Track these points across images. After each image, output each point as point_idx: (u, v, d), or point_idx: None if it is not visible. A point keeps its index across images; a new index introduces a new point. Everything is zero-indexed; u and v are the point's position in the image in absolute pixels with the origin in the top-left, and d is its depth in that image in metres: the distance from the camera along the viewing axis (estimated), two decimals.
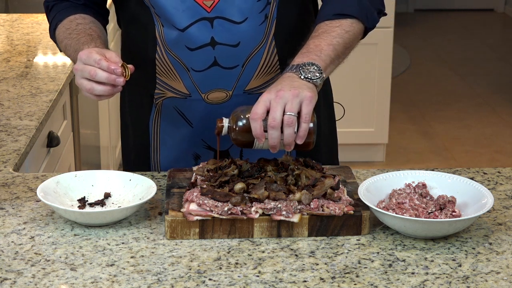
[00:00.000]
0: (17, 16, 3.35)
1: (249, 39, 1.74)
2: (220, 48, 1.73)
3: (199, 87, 1.77)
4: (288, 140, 1.50)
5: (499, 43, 7.70)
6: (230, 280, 1.35)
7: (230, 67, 1.75)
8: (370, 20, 1.73)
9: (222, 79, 1.76)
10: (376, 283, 1.34)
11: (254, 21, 1.73)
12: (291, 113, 1.49)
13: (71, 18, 1.81)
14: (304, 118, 1.50)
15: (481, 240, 1.48)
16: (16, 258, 1.42)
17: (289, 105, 1.50)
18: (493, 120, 5.52)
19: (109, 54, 1.61)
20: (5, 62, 2.67)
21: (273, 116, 1.49)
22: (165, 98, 1.82)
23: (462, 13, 8.78)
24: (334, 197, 1.51)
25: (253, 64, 1.76)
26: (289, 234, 1.49)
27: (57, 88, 2.39)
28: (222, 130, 1.57)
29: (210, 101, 1.78)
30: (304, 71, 1.57)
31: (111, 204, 1.60)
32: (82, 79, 1.60)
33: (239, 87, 1.78)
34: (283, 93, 1.51)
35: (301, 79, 1.55)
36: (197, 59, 1.74)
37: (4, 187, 1.70)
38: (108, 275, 1.36)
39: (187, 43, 1.73)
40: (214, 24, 1.71)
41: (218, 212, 1.47)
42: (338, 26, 1.68)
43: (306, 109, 1.51)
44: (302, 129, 1.50)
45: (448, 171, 1.74)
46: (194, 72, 1.75)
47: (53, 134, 2.37)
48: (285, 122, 1.49)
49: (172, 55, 1.75)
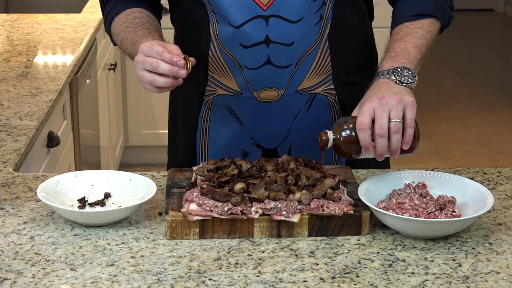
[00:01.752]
0: (17, 16, 3.35)
1: (304, 38, 1.74)
2: (274, 46, 1.73)
3: (251, 85, 1.77)
4: (395, 147, 1.51)
5: (499, 43, 7.70)
6: (230, 280, 1.35)
7: (283, 66, 1.75)
8: (446, 17, 1.75)
9: (275, 77, 1.76)
10: (376, 283, 1.34)
11: (309, 21, 1.73)
12: (397, 120, 1.50)
13: (127, 11, 1.81)
14: (409, 123, 1.52)
15: (481, 240, 1.48)
16: (16, 258, 1.42)
17: (394, 112, 1.51)
18: (493, 120, 5.52)
19: (170, 47, 1.61)
20: (5, 62, 2.67)
21: (380, 125, 1.50)
22: (216, 96, 1.82)
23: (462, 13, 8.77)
24: (334, 197, 1.51)
25: (306, 64, 1.76)
26: (289, 234, 1.49)
27: (57, 88, 2.39)
28: (327, 143, 1.56)
29: (261, 100, 1.79)
30: (399, 76, 1.58)
31: (111, 204, 1.60)
32: (144, 71, 1.60)
33: (291, 86, 1.78)
34: (387, 100, 1.51)
35: (397, 84, 1.57)
36: (251, 57, 1.74)
37: (4, 187, 1.70)
38: (108, 275, 1.36)
39: (242, 41, 1.73)
40: (269, 23, 1.71)
41: (218, 212, 1.47)
42: (419, 27, 1.70)
43: (410, 114, 1.52)
44: (408, 134, 1.51)
45: (448, 171, 1.74)
46: (247, 70, 1.76)
47: (53, 134, 2.37)
48: (392, 129, 1.50)
49: (225, 52, 1.75)
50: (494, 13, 8.94)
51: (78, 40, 2.96)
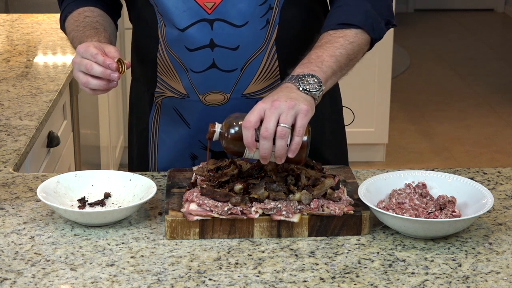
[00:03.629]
0: (17, 16, 3.35)
1: (249, 43, 1.73)
2: (219, 50, 1.72)
3: (197, 88, 1.77)
4: (280, 153, 1.45)
5: (499, 43, 7.70)
6: (230, 280, 1.35)
7: (229, 70, 1.74)
8: (377, 30, 1.68)
9: (220, 81, 1.75)
10: (376, 283, 1.34)
11: (255, 25, 1.72)
12: (285, 125, 1.44)
13: (80, 10, 1.82)
14: (298, 131, 1.45)
15: (481, 240, 1.48)
16: (16, 258, 1.42)
17: (283, 116, 1.45)
18: (493, 120, 5.52)
19: (108, 49, 1.60)
20: (5, 62, 2.67)
21: (266, 126, 1.44)
22: (164, 97, 1.82)
23: (462, 13, 8.78)
24: (334, 197, 1.51)
25: (252, 69, 1.75)
26: (289, 234, 1.49)
27: (57, 88, 2.39)
28: (213, 136, 1.53)
29: (207, 103, 1.78)
30: (303, 83, 1.52)
31: (111, 204, 1.60)
32: (79, 72, 1.60)
33: (237, 90, 1.76)
34: (279, 103, 1.46)
35: (299, 91, 1.51)
36: (196, 60, 1.74)
37: (4, 187, 1.70)
38: (108, 275, 1.36)
39: (187, 44, 1.73)
40: (214, 26, 1.71)
41: (218, 212, 1.47)
42: (342, 36, 1.64)
43: (300, 122, 1.46)
44: (295, 142, 1.45)
45: (448, 171, 1.74)
46: (192, 73, 1.75)
47: (53, 134, 2.37)
48: (277, 133, 1.44)
49: (172, 54, 1.76)
50: (494, 13, 8.94)
51: None
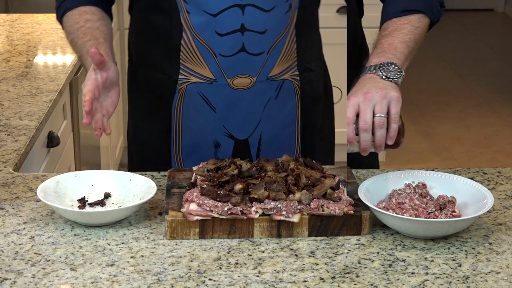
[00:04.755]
0: (17, 16, 3.35)
1: (275, 27, 1.79)
2: (249, 34, 1.78)
3: (225, 72, 1.80)
4: (380, 142, 1.53)
5: (499, 43, 7.70)
6: (230, 280, 1.35)
7: (257, 53, 1.80)
8: (435, 13, 1.79)
9: (248, 65, 1.80)
10: (376, 283, 1.34)
11: (281, 9, 1.78)
12: (381, 115, 1.52)
13: (81, 10, 1.85)
14: (394, 118, 1.53)
15: (481, 240, 1.48)
16: (16, 258, 1.42)
17: (378, 106, 1.53)
18: (493, 120, 5.52)
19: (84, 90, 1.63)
20: (5, 62, 2.67)
21: (364, 119, 1.52)
22: (189, 83, 1.84)
23: (462, 13, 8.78)
24: (334, 197, 1.51)
25: (276, 51, 1.81)
26: (289, 234, 1.49)
27: (57, 88, 2.39)
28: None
29: (235, 87, 1.82)
30: (385, 71, 1.60)
31: (111, 204, 1.60)
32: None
33: (263, 73, 1.82)
34: (371, 95, 1.53)
35: (383, 80, 1.59)
36: (226, 45, 1.78)
37: (4, 187, 1.70)
38: (108, 275, 1.36)
39: (217, 29, 1.77)
40: (245, 11, 1.76)
41: (218, 212, 1.47)
42: (407, 22, 1.73)
43: (395, 109, 1.53)
44: (392, 129, 1.53)
45: (448, 171, 1.74)
46: (221, 57, 1.79)
47: (53, 134, 2.37)
48: (376, 124, 1.52)
49: (199, 40, 1.78)
50: (494, 13, 8.94)
51: None
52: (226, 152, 1.86)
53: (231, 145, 1.87)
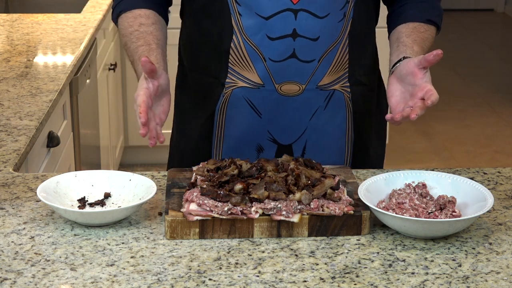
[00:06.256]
0: (17, 16, 3.35)
1: (328, 34, 1.78)
2: (300, 40, 1.76)
3: (274, 77, 1.79)
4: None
5: (499, 43, 7.70)
6: (230, 280, 1.35)
7: (307, 60, 1.78)
8: (441, 26, 1.90)
9: (298, 71, 1.79)
10: (376, 283, 1.34)
11: (335, 17, 1.78)
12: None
13: (135, 13, 1.83)
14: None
15: (481, 240, 1.48)
16: (16, 258, 1.42)
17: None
18: (493, 120, 5.52)
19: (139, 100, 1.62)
20: (5, 62, 2.67)
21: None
22: (235, 88, 1.83)
23: (462, 13, 8.77)
24: (334, 197, 1.51)
25: (328, 60, 1.80)
26: (289, 234, 1.49)
27: (57, 88, 2.39)
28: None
29: (282, 93, 1.81)
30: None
31: (111, 204, 1.60)
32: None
33: (313, 81, 1.81)
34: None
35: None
36: (276, 49, 1.77)
37: (4, 187, 1.70)
38: (108, 275, 1.36)
39: (269, 32, 1.76)
40: (298, 16, 1.75)
41: (218, 212, 1.47)
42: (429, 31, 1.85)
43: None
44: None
45: (448, 171, 1.74)
46: (270, 62, 1.78)
47: (53, 134, 2.37)
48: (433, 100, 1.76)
49: (249, 43, 1.78)
50: (494, 13, 8.94)
51: (78, 40, 2.96)
52: (269, 156, 1.84)
53: (274, 150, 1.86)
